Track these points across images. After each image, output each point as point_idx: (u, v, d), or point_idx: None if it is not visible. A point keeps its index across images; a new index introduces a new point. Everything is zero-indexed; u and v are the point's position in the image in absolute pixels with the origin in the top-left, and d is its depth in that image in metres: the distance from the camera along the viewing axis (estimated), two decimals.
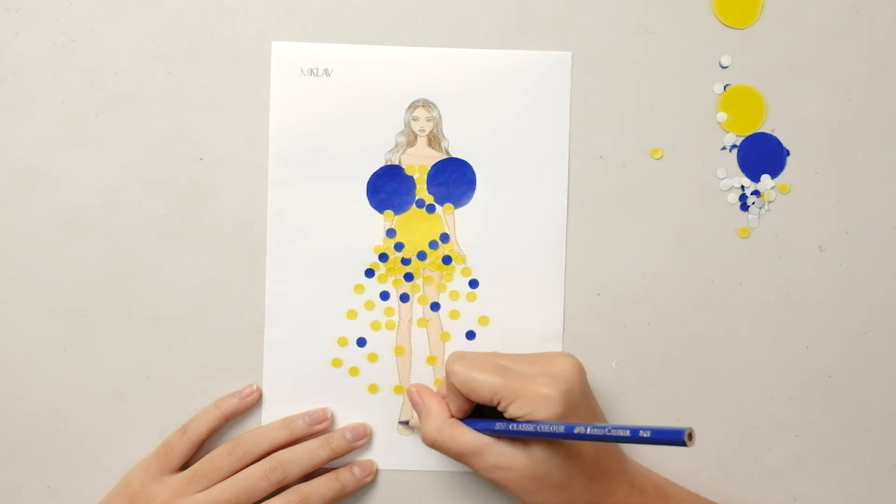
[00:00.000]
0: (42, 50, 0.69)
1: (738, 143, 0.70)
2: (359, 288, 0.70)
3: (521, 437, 0.61)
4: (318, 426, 0.69)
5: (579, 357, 0.70)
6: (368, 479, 0.69)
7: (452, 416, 0.65)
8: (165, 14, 0.69)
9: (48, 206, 0.69)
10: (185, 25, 0.69)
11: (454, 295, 0.70)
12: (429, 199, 0.70)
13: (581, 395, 0.63)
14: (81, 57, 0.69)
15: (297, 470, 0.67)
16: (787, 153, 0.71)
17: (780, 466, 0.71)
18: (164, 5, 0.69)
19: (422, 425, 0.66)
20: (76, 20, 0.69)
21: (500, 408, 0.62)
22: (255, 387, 0.69)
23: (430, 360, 0.70)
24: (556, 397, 0.61)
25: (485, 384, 0.63)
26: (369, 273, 0.70)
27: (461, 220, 0.70)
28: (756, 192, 0.70)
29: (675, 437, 0.52)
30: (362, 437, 0.69)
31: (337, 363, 0.70)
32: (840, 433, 0.71)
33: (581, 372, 0.64)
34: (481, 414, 0.65)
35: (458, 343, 0.70)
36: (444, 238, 0.70)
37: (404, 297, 0.70)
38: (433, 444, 0.65)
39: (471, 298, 0.70)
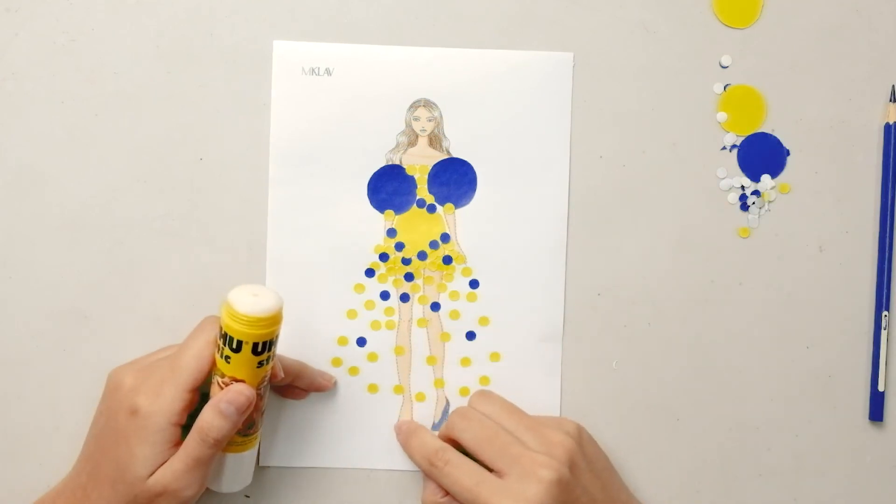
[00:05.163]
0: (42, 50, 0.69)
1: (738, 143, 0.71)
2: (359, 287, 0.70)
3: None
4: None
5: (579, 356, 0.70)
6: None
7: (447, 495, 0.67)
8: (165, 14, 0.69)
9: (48, 206, 0.69)
10: (185, 25, 0.69)
11: (454, 295, 0.70)
12: (429, 199, 0.70)
13: (573, 480, 0.63)
14: (81, 57, 0.69)
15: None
16: (787, 153, 0.71)
17: (780, 466, 0.71)
18: (164, 5, 0.69)
19: (423, 488, 0.68)
20: (76, 20, 0.69)
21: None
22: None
23: (430, 360, 0.70)
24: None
25: (459, 494, 0.65)
26: (370, 273, 0.70)
27: (462, 221, 0.70)
28: (756, 192, 0.71)
29: None
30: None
31: (337, 362, 0.70)
32: (840, 433, 0.71)
33: (559, 487, 0.63)
34: None
35: (458, 343, 0.70)
36: (445, 238, 0.70)
37: (404, 297, 0.70)
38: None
39: (471, 299, 0.70)
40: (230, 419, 0.61)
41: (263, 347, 0.61)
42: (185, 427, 0.62)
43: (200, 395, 0.63)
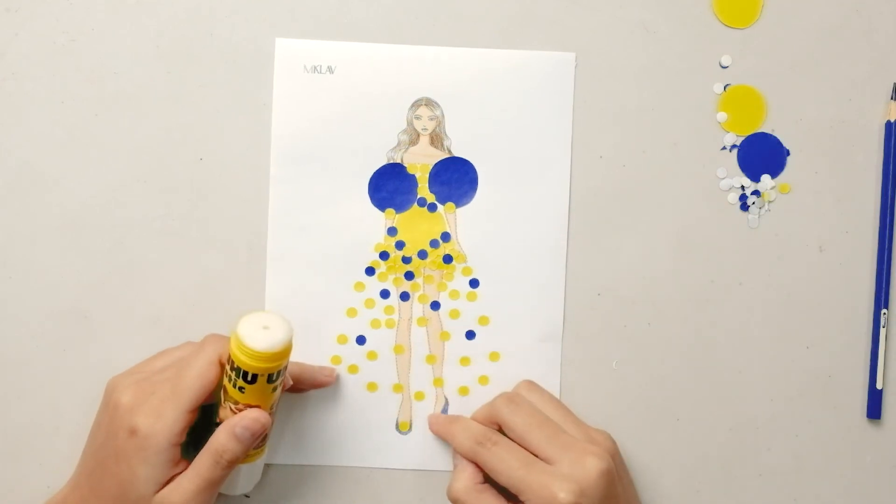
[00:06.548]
0: (42, 50, 0.69)
1: (738, 143, 0.71)
2: (359, 286, 0.70)
3: None
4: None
5: (579, 356, 0.70)
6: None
7: (485, 482, 0.66)
8: (165, 14, 0.69)
9: (48, 206, 0.69)
10: (185, 25, 0.69)
11: (454, 294, 0.70)
12: (430, 198, 0.70)
13: (600, 500, 0.63)
14: (81, 57, 0.69)
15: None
16: (787, 153, 0.71)
17: (780, 466, 0.71)
18: (164, 5, 0.69)
19: (452, 478, 0.66)
20: (76, 20, 0.69)
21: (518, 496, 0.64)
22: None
23: (430, 359, 0.70)
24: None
25: (505, 474, 0.64)
26: (370, 271, 0.70)
27: (462, 220, 0.70)
28: (756, 192, 0.71)
29: None
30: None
31: (336, 361, 0.70)
32: (840, 433, 0.71)
33: (608, 477, 0.63)
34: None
35: (458, 342, 0.70)
36: (445, 237, 0.70)
37: (404, 296, 0.70)
38: (456, 502, 0.66)
39: (471, 298, 0.70)
40: (245, 443, 0.62)
41: (278, 375, 0.62)
42: (182, 444, 0.62)
43: (200, 412, 0.63)
